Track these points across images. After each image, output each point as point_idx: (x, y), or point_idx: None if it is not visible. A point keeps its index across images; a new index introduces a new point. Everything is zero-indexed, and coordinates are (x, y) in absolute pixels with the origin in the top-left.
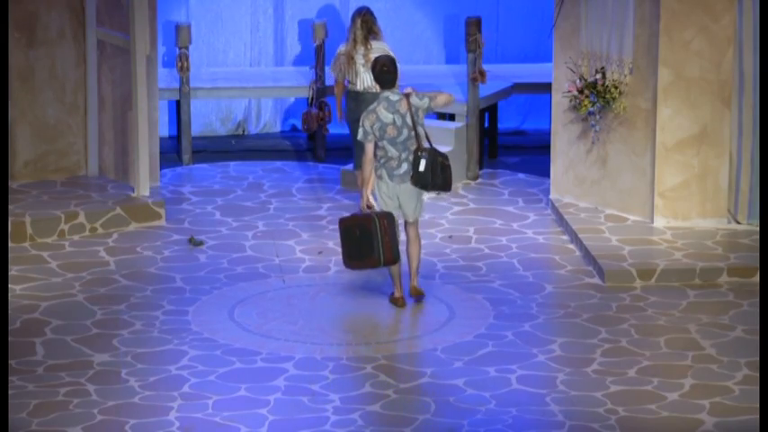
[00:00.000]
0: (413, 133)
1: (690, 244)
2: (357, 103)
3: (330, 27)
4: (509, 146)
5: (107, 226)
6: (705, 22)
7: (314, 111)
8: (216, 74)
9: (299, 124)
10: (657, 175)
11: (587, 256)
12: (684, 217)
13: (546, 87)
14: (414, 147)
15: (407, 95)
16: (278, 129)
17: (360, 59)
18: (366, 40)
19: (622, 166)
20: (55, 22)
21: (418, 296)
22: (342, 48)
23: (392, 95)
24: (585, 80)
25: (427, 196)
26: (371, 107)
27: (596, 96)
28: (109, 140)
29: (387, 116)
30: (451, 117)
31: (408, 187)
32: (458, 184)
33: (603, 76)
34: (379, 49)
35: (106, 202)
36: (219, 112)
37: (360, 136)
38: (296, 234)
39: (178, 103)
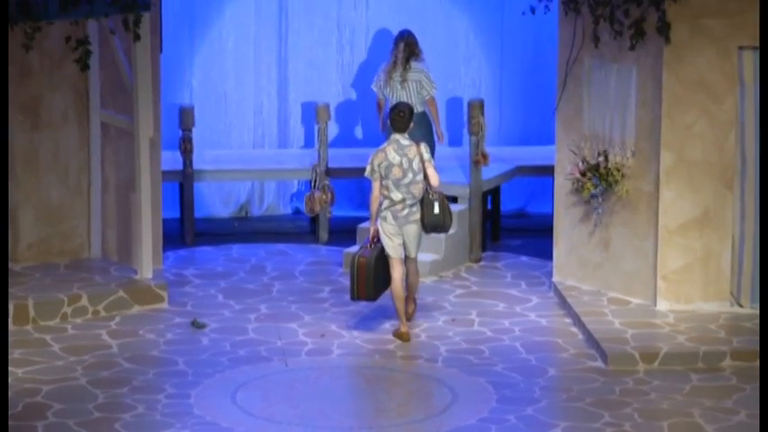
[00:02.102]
0: (417, 178)
1: (693, 327)
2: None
3: (334, 109)
4: (512, 228)
5: (110, 309)
6: (707, 105)
7: (317, 193)
8: (219, 156)
9: (302, 207)
10: (660, 258)
11: (590, 339)
12: (687, 300)
13: (548, 170)
14: (417, 190)
15: (418, 144)
16: (281, 211)
17: (397, 78)
18: (407, 62)
19: (625, 249)
20: (59, 105)
21: (409, 318)
22: (383, 67)
23: (402, 139)
24: (588, 163)
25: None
26: (381, 146)
27: (599, 179)
28: (112, 223)
29: (395, 157)
30: (454, 199)
31: (412, 227)
32: (460, 267)
33: (606, 159)
34: (417, 69)
35: (109, 284)
36: (223, 194)
37: (367, 172)
38: (299, 317)
39: (181, 185)
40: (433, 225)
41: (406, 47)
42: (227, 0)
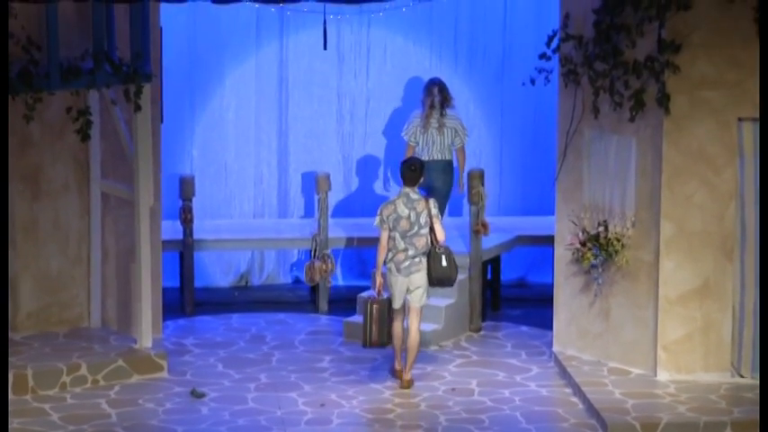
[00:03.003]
0: (422, 231)
1: (693, 398)
2: (425, 171)
3: (333, 180)
4: (512, 298)
5: (109, 378)
6: (707, 176)
7: (317, 263)
8: (219, 226)
9: (302, 276)
10: (660, 328)
11: (590, 409)
12: (688, 370)
13: (548, 240)
14: (420, 243)
15: (427, 199)
16: (281, 280)
17: (434, 124)
18: (442, 107)
19: (625, 319)
20: (59, 175)
21: (409, 386)
22: (416, 113)
23: (412, 193)
24: (588, 233)
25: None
26: (391, 198)
27: (599, 249)
28: (112, 292)
29: (403, 210)
30: None
31: (416, 277)
32: (460, 336)
33: (606, 229)
34: (453, 116)
35: (108, 353)
36: (223, 263)
37: (375, 222)
38: (298, 386)
39: (181, 254)
40: (440, 278)
41: (440, 92)
42: (227, 71)
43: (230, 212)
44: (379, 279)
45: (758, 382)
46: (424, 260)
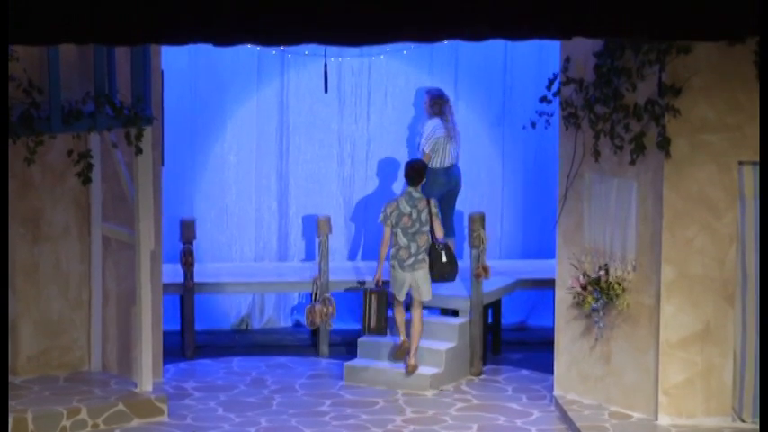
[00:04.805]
0: (423, 228)
1: None
2: (449, 177)
3: (334, 223)
4: (512, 341)
5: (109, 422)
6: (708, 221)
7: (318, 306)
8: (220, 269)
9: (302, 319)
10: (661, 372)
11: None
12: (689, 414)
13: (549, 283)
14: (422, 241)
15: (428, 199)
16: (281, 324)
17: (452, 133)
18: (451, 116)
19: (626, 363)
20: (60, 218)
21: (413, 371)
22: (437, 125)
23: (414, 192)
24: (589, 276)
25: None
26: (395, 197)
27: (600, 293)
28: (112, 335)
29: (405, 207)
30: (455, 312)
31: (420, 274)
32: (461, 380)
33: (607, 273)
34: (456, 123)
35: (108, 397)
36: (223, 306)
37: (380, 219)
38: (299, 430)
39: (182, 297)
40: (441, 273)
41: (447, 106)
42: (228, 114)
43: (231, 256)
44: (378, 272)
45: (759, 426)
46: (427, 257)
